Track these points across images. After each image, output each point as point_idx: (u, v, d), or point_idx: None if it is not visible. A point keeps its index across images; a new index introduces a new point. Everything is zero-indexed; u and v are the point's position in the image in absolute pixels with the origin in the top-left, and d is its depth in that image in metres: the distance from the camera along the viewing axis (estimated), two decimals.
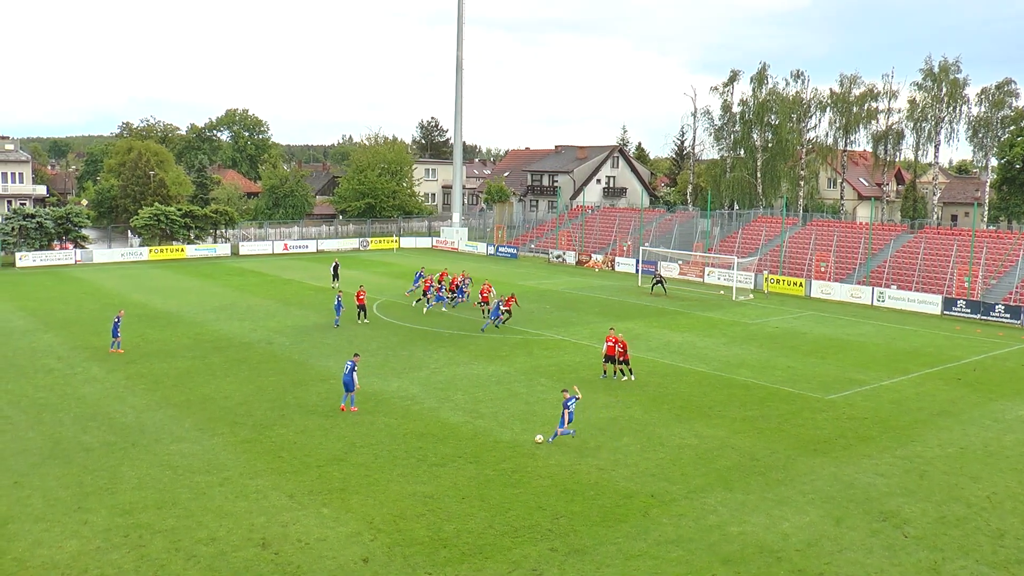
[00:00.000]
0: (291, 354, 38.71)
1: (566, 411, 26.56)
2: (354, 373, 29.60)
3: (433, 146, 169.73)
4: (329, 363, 36.45)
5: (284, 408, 29.89)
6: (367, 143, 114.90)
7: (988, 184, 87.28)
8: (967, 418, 30.70)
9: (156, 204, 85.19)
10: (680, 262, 70.99)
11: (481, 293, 49.61)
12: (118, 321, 38.91)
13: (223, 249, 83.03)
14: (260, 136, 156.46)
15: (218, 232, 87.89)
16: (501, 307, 45.44)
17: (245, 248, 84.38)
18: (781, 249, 68.94)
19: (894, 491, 23.28)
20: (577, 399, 26.98)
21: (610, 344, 34.58)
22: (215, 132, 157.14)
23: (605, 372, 35.26)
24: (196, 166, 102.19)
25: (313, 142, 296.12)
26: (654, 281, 60.78)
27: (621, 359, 34.39)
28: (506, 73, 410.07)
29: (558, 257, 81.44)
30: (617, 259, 76.76)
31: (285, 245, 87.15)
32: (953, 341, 45.87)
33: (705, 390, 33.71)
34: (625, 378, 34.52)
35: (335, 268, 61.73)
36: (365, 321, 46.25)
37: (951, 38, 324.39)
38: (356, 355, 30.65)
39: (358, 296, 46.95)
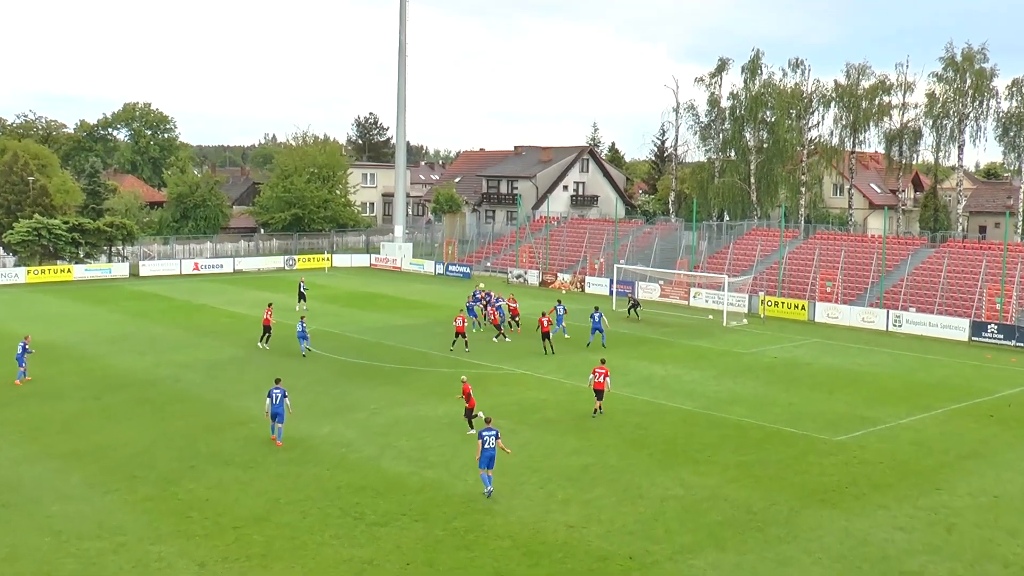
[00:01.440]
0: (203, 393, 38.34)
1: (480, 443, 26.15)
2: (286, 400, 30.68)
3: (372, 147, 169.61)
4: (249, 403, 36.10)
5: (194, 458, 29.53)
6: (294, 144, 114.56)
7: (1022, 190, 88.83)
8: (1001, 461, 31.05)
9: (36, 216, 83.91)
10: (661, 282, 71.34)
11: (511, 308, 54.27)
12: (24, 348, 39.63)
13: (120, 269, 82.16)
14: (165, 135, 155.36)
15: (114, 249, 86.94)
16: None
17: (147, 268, 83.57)
18: (780, 266, 69.61)
19: (916, 548, 23.44)
20: (496, 435, 26.37)
21: (599, 380, 35.05)
22: (110, 130, 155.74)
23: (597, 410, 35.51)
24: (87, 171, 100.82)
25: (229, 142, 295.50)
26: (629, 304, 61.09)
27: (469, 407, 32.88)
28: (460, 62, 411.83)
29: (519, 277, 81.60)
30: (587, 279, 77.01)
31: (196, 264, 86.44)
32: (983, 372, 46.50)
33: (692, 431, 33.81)
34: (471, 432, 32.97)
35: (301, 288, 63.07)
36: (265, 347, 47.57)
37: (975, 23, 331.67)
38: (278, 380, 31.58)
39: (266, 316, 48.38)
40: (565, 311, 53.58)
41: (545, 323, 47.94)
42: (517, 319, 54.23)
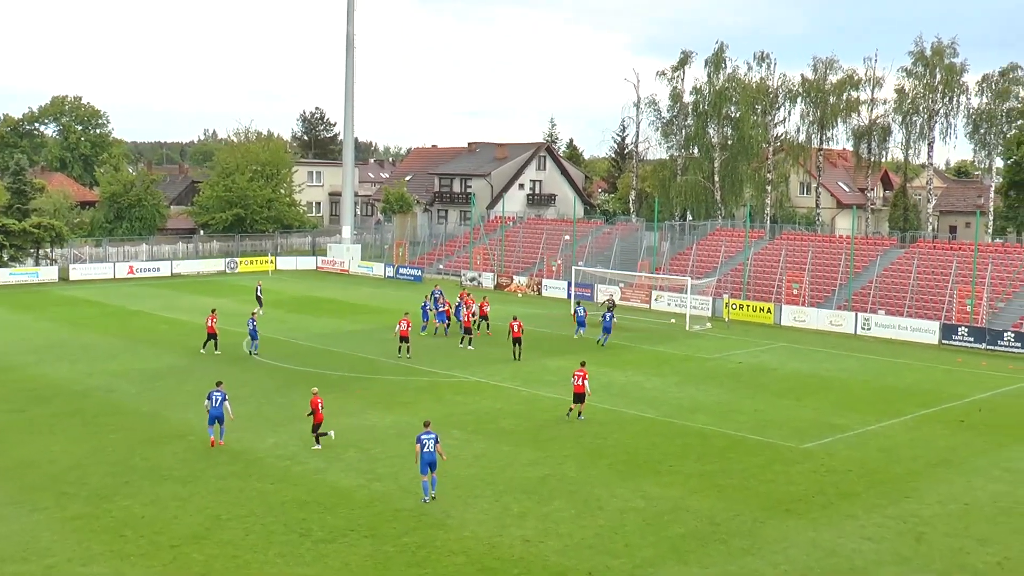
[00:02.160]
0: (139, 404, 37.99)
1: (419, 447, 26.86)
2: (226, 403, 31.69)
3: (318, 143, 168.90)
4: (188, 415, 35.83)
5: (129, 473, 29.25)
6: (235, 140, 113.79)
7: (992, 189, 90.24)
8: (971, 468, 31.51)
9: None
10: (622, 284, 71.59)
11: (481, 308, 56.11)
12: None
13: (48, 273, 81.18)
14: (97, 131, 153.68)
15: (41, 252, 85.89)
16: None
17: (78, 272, 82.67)
18: (745, 268, 70.14)
19: (885, 559, 23.73)
20: (435, 439, 27.07)
21: (578, 383, 36.03)
22: (37, 125, 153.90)
23: (570, 411, 36.51)
24: (11, 168, 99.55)
25: (167, 138, 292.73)
26: (606, 309, 60.15)
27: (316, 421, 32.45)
28: (411, 54, 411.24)
29: (472, 280, 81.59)
30: (545, 282, 77.16)
31: (131, 268, 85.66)
32: (954, 376, 47.17)
33: (654, 441, 34.00)
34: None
35: (258, 292, 63.68)
36: (216, 352, 47.95)
37: (944, 16, 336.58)
38: (219, 383, 32.64)
39: (208, 323, 48.76)
40: (586, 312, 56.21)
41: (516, 328, 48.29)
42: (487, 321, 54.98)
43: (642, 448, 33.01)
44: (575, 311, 55.14)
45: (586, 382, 36.14)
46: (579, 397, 36.14)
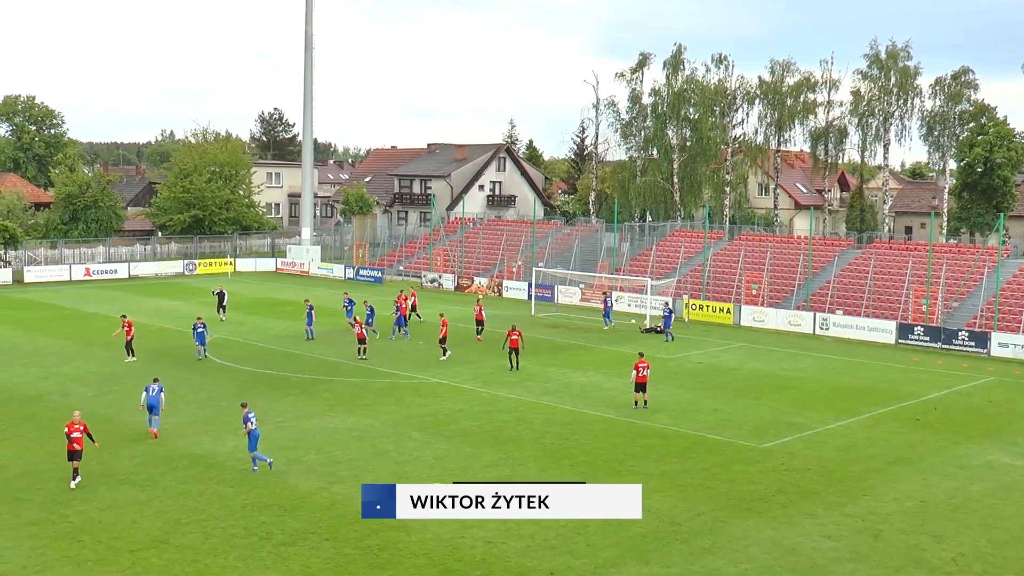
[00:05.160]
0: (95, 408, 37.50)
1: (249, 426, 29.39)
2: (162, 394, 33.09)
3: (277, 144, 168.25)
4: (146, 418, 35.42)
5: (86, 478, 28.86)
6: (193, 141, 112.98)
7: (946, 190, 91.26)
8: (927, 465, 31.86)
9: None
10: (582, 285, 71.75)
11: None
12: None
13: (2, 275, 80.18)
14: (52, 131, 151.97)
15: None
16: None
17: (33, 274, 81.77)
18: (704, 268, 70.48)
19: (844, 556, 23.94)
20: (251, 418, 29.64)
21: (641, 374, 38.28)
22: None
23: (636, 403, 38.40)
24: None
25: (123, 139, 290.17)
26: (656, 325, 59.90)
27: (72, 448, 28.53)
28: (368, 55, 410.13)
29: (433, 281, 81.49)
30: (505, 283, 77.16)
31: (87, 270, 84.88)
32: (910, 375, 47.63)
33: (614, 441, 34.09)
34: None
35: (220, 296, 61.89)
36: (131, 359, 46.88)
37: (897, 18, 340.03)
38: (156, 379, 33.86)
39: (125, 327, 47.94)
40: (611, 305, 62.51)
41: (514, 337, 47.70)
42: (482, 326, 54.80)
43: (603, 449, 33.09)
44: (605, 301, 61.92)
45: (647, 371, 38.40)
46: (641, 387, 38.38)
